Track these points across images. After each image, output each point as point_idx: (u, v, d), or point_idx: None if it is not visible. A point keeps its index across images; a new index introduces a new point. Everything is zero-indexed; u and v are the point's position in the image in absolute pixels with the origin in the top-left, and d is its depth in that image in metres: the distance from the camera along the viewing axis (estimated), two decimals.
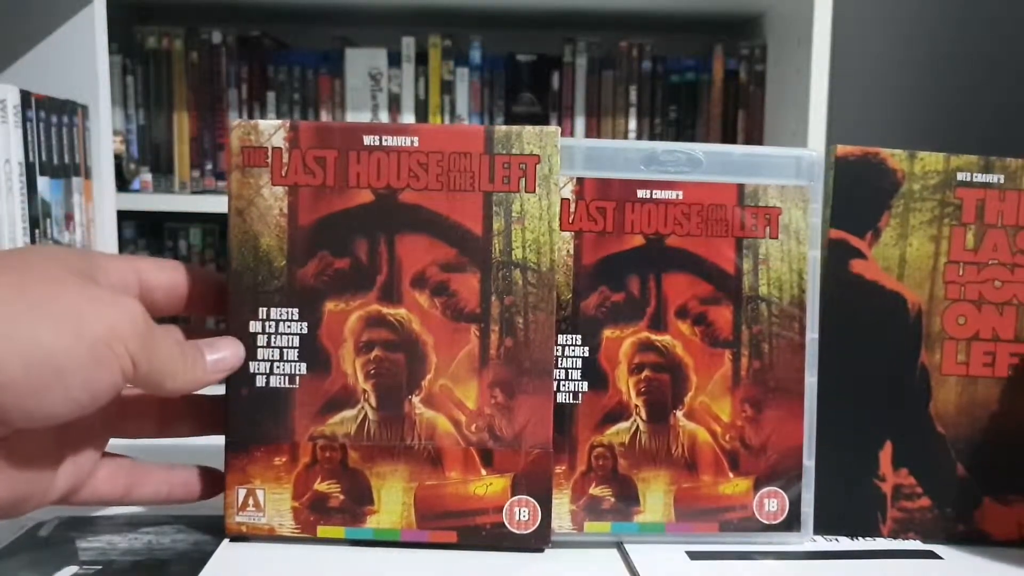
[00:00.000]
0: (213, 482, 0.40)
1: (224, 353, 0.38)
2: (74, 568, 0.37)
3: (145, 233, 1.75)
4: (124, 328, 0.33)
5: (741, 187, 0.40)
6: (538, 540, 0.40)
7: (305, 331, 0.39)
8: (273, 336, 0.39)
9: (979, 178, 0.41)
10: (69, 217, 1.10)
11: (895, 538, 0.42)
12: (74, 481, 0.36)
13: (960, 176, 0.41)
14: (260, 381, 0.39)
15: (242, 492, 0.39)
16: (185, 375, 0.36)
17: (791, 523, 0.41)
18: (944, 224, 0.41)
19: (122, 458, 0.39)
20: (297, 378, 0.39)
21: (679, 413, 0.40)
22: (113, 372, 0.32)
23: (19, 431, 0.32)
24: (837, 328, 0.41)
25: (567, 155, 0.40)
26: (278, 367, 0.39)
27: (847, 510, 0.42)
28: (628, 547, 0.40)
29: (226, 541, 0.40)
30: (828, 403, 0.41)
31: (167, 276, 0.38)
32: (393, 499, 0.39)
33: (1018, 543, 0.42)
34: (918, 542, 0.42)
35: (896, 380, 0.42)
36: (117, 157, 1.48)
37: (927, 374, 0.42)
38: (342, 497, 0.39)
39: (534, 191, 0.39)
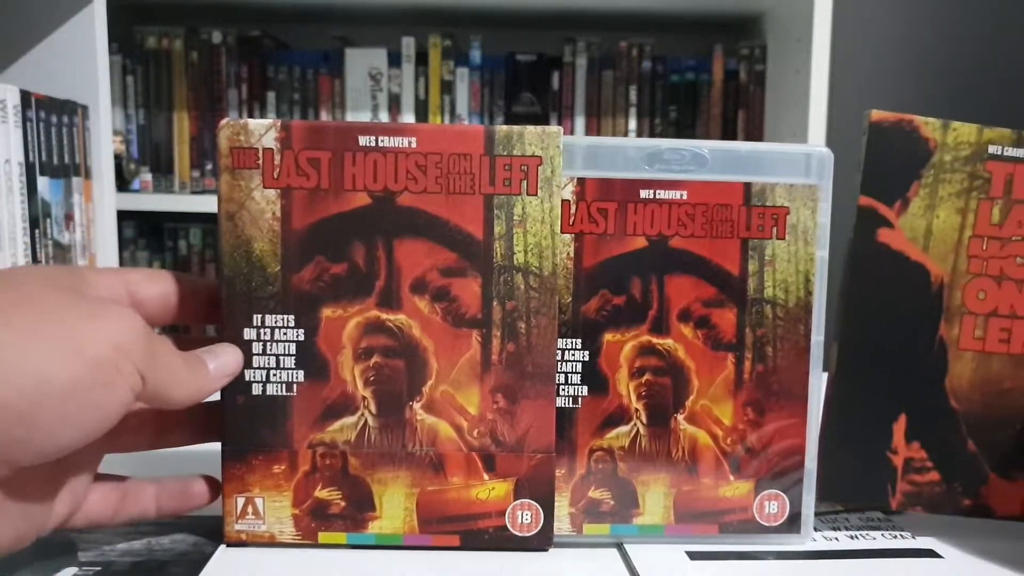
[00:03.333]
0: (204, 492, 0.39)
1: (225, 359, 0.37)
2: (73, 569, 0.36)
3: (145, 233, 1.75)
4: (127, 343, 0.31)
5: (748, 186, 0.39)
6: (541, 542, 0.39)
7: (302, 338, 0.38)
8: (269, 343, 0.38)
9: (1010, 152, 0.41)
10: (69, 217, 1.10)
11: (902, 510, 0.42)
12: (70, 508, 0.35)
13: (992, 149, 0.41)
14: (256, 389, 0.38)
15: (240, 500, 0.39)
16: (191, 385, 0.35)
17: (791, 525, 0.40)
18: (972, 197, 0.41)
19: (112, 477, 0.38)
20: (295, 386, 0.39)
21: (680, 417, 0.40)
22: (122, 391, 0.31)
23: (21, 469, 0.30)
24: (860, 296, 0.40)
25: (567, 154, 0.39)
26: (275, 375, 0.38)
27: (858, 480, 0.41)
28: (628, 547, 0.40)
29: (224, 544, 0.39)
30: (847, 372, 0.40)
31: (157, 287, 0.37)
32: (395, 504, 0.39)
33: (1020, 518, 0.42)
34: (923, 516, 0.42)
35: (914, 353, 0.41)
36: (117, 157, 1.48)
37: (945, 348, 0.41)
38: (343, 503, 0.39)
39: (536, 193, 0.38)
